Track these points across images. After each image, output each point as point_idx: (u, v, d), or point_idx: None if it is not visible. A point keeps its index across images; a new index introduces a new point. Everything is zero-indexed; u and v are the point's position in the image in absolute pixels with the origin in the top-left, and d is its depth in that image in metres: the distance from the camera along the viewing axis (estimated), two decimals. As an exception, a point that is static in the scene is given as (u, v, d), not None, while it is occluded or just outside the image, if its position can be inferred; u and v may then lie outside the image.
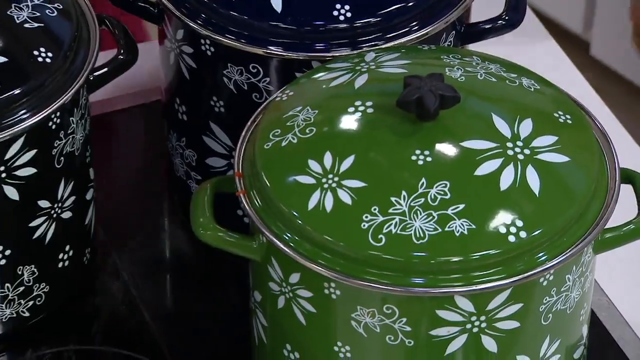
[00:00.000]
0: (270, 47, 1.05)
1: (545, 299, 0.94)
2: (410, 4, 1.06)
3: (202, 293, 1.14)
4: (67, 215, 1.07)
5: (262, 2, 1.05)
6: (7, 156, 1.00)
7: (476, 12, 1.11)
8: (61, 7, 1.04)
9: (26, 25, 1.02)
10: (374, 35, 1.06)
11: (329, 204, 0.92)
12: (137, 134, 1.24)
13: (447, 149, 0.93)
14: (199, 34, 1.06)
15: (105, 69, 1.07)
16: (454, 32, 1.09)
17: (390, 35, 1.06)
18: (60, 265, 1.08)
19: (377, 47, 1.04)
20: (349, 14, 1.05)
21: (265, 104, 1.01)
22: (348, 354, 0.95)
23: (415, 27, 1.06)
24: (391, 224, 0.91)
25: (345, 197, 0.92)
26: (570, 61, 1.27)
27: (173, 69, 1.12)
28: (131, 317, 1.12)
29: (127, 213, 1.19)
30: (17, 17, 1.02)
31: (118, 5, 1.13)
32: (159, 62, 1.15)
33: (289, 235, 0.93)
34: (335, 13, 1.05)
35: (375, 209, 0.92)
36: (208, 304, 1.13)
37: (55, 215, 1.06)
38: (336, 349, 0.95)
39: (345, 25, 1.05)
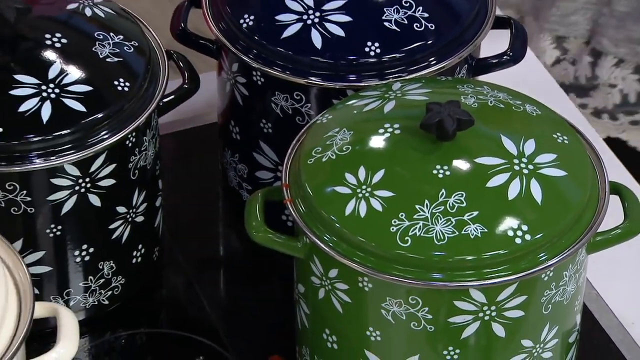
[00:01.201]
0: (311, 78, 1.05)
1: (546, 292, 0.93)
2: (430, 42, 1.05)
3: (251, 285, 1.14)
4: (140, 219, 1.06)
5: (304, 40, 1.05)
6: (92, 169, 1.00)
7: (484, 49, 1.11)
8: (137, 44, 1.04)
9: (108, 60, 1.02)
10: (398, 68, 1.05)
11: (362, 210, 0.92)
12: (197, 150, 1.22)
13: (463, 165, 0.93)
14: (251, 66, 1.06)
15: (172, 96, 1.06)
16: (466, 65, 1.09)
17: (413, 68, 1.05)
18: (134, 261, 1.08)
19: (402, 78, 1.03)
20: (378, 50, 1.04)
21: (307, 126, 1.01)
22: (378, 338, 0.95)
23: (434, 62, 1.06)
24: (416, 228, 0.91)
25: (377, 205, 0.92)
26: (559, 86, 1.28)
27: (228, 96, 1.12)
28: (192, 305, 1.11)
29: (189, 218, 1.18)
30: (101, 53, 1.02)
31: (182, 42, 1.12)
32: (216, 90, 1.15)
33: (328, 236, 0.93)
34: (367, 49, 1.04)
35: (402, 215, 0.92)
36: (256, 294, 1.13)
37: (130, 219, 1.05)
38: (368, 333, 0.95)
39: (374, 60, 1.05)
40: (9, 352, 0.86)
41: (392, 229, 0.91)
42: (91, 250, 1.04)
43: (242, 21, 1.06)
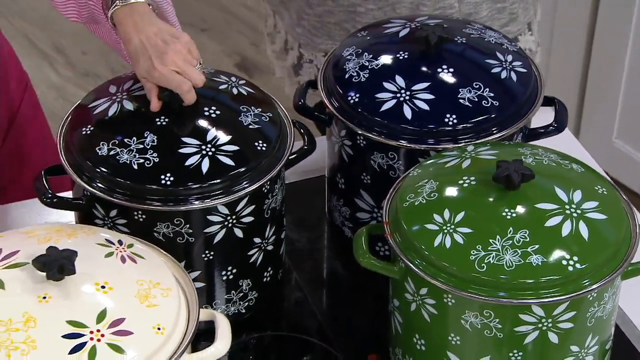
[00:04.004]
0: (401, 141, 1.03)
1: (590, 309, 0.90)
2: (494, 115, 1.03)
3: (352, 298, 1.10)
4: (270, 247, 1.04)
5: (397, 113, 1.02)
6: (237, 209, 0.98)
7: (534, 121, 1.08)
8: (271, 115, 1.02)
9: (250, 127, 1.00)
10: (469, 135, 1.02)
11: (448, 243, 0.90)
12: (310, 196, 1.20)
13: (525, 209, 0.90)
14: (356, 132, 1.04)
15: (296, 155, 1.04)
16: (521, 133, 1.06)
17: (480, 135, 1.02)
18: (264, 280, 1.05)
19: (473, 142, 1.01)
20: (455, 121, 1.02)
21: (402, 177, 0.98)
22: (458, 342, 0.92)
23: (496, 131, 1.03)
24: (490, 257, 0.88)
25: (459, 239, 0.90)
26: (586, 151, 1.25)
27: (336, 155, 1.09)
28: (306, 314, 1.08)
29: (303, 247, 1.15)
30: (244, 122, 1.01)
31: (302, 114, 1.10)
32: (326, 150, 1.12)
33: (419, 262, 0.91)
34: (446, 120, 1.02)
35: (479, 247, 0.89)
36: (356, 305, 1.09)
37: (263, 247, 1.03)
38: (450, 338, 0.92)
39: (450, 128, 1.02)
40: (182, 346, 0.84)
41: (471, 257, 0.89)
42: (234, 271, 1.02)
43: (349, 98, 1.05)
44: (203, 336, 0.93)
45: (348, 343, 1.05)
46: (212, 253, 1.00)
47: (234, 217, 0.99)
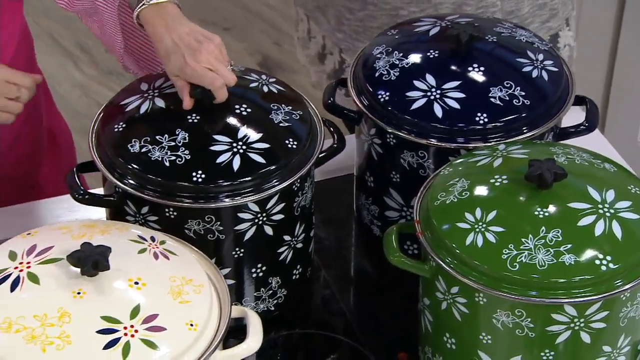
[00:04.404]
0: (431, 140, 1.02)
1: (623, 309, 0.89)
2: (524, 114, 1.02)
3: (379, 296, 1.10)
4: (299, 245, 1.04)
5: (428, 111, 1.02)
6: (267, 207, 0.99)
7: (565, 120, 1.08)
8: (301, 113, 1.03)
9: (280, 125, 1.00)
10: (499, 134, 1.02)
11: (479, 241, 0.89)
12: (338, 194, 1.20)
13: (558, 208, 0.90)
14: (386, 130, 1.04)
15: (325, 153, 1.04)
16: (552, 133, 1.05)
17: (510, 134, 1.02)
18: (294, 277, 1.05)
19: (505, 141, 1.00)
20: (486, 120, 1.02)
21: (432, 176, 0.98)
22: (489, 341, 0.91)
23: (526, 130, 1.02)
24: (522, 256, 0.88)
25: (491, 238, 0.89)
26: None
27: (366, 153, 1.09)
28: (335, 312, 1.08)
29: (331, 245, 1.15)
30: (275, 119, 1.01)
31: (331, 112, 1.10)
32: (354, 149, 1.12)
33: (450, 260, 0.91)
34: (477, 119, 1.02)
35: (511, 246, 0.88)
36: (383, 303, 1.09)
37: (293, 245, 1.03)
38: (481, 337, 0.91)
39: (481, 127, 1.02)
40: (214, 342, 0.84)
41: (503, 256, 0.88)
42: (264, 268, 1.02)
43: (379, 96, 1.05)
44: (232, 333, 0.93)
45: (376, 341, 1.05)
46: (242, 250, 1.00)
47: (264, 214, 0.99)
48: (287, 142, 0.99)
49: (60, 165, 1.22)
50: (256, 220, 0.99)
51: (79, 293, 0.82)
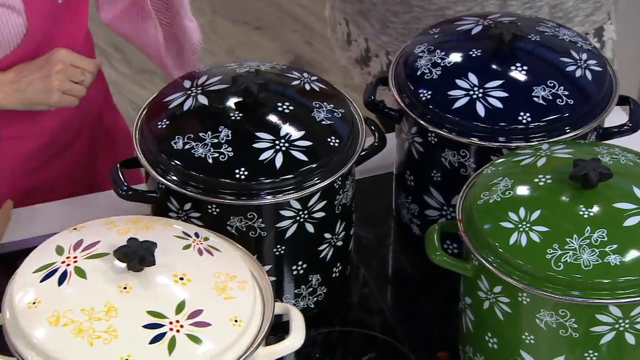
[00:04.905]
0: (473, 139, 1.02)
1: (669, 310, 0.90)
2: (567, 114, 1.02)
3: (417, 295, 1.10)
4: (339, 243, 1.04)
5: (470, 110, 1.02)
6: (309, 204, 0.99)
7: (608, 119, 1.07)
8: (343, 111, 1.03)
9: (322, 123, 1.01)
10: (541, 134, 1.01)
11: (523, 241, 0.89)
12: (376, 192, 1.19)
13: (603, 208, 0.89)
14: (428, 129, 1.04)
15: (366, 152, 1.04)
16: (595, 132, 1.05)
17: (553, 133, 1.01)
18: (333, 275, 1.05)
19: (548, 141, 1.00)
20: (529, 119, 1.01)
21: (475, 175, 0.98)
22: (532, 341, 0.91)
23: (569, 130, 1.02)
24: (567, 256, 0.87)
25: (535, 237, 0.89)
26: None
27: (406, 152, 1.09)
28: (373, 310, 1.08)
29: (370, 244, 1.15)
30: (317, 117, 1.01)
31: (372, 110, 1.10)
32: (394, 148, 1.12)
33: (492, 259, 0.90)
34: (520, 118, 1.01)
35: (555, 246, 0.88)
36: (422, 301, 1.09)
37: (333, 243, 1.03)
38: (524, 337, 0.91)
39: (523, 127, 1.01)
40: (258, 338, 0.85)
41: (548, 256, 0.88)
42: (304, 266, 1.02)
43: (421, 95, 1.04)
44: (271, 330, 0.94)
45: (415, 340, 1.05)
46: (283, 247, 1.00)
47: (305, 212, 0.99)
48: (329, 140, 0.99)
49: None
50: (297, 218, 0.99)
51: (125, 288, 0.83)
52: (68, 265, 0.84)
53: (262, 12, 2.52)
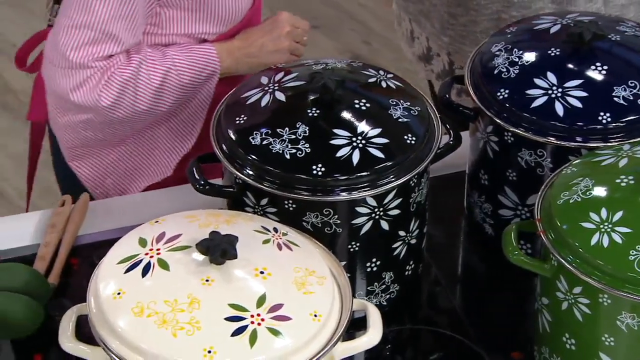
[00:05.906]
0: (550, 138, 1.01)
1: None
2: (646, 116, 1.02)
3: (490, 294, 1.10)
4: (413, 241, 1.04)
5: (549, 109, 1.01)
6: (384, 202, 0.99)
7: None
8: (420, 109, 1.03)
9: (399, 120, 1.01)
10: (620, 134, 1.00)
11: (605, 242, 0.88)
12: (447, 191, 1.18)
13: (688, 210, 0.89)
14: (504, 128, 1.03)
15: (441, 150, 1.04)
16: (676, 133, 1.04)
17: (632, 134, 1.00)
18: (406, 273, 1.06)
19: (629, 141, 0.99)
20: (608, 119, 1.00)
21: (553, 174, 0.97)
22: (612, 343, 0.90)
23: (650, 130, 1.02)
24: (650, 258, 0.88)
25: (617, 238, 0.88)
26: None
27: (481, 151, 1.08)
28: (445, 309, 1.08)
29: (441, 242, 1.14)
30: (394, 115, 1.01)
31: (446, 108, 1.09)
32: (467, 146, 1.11)
33: (572, 259, 0.90)
34: (600, 118, 1.00)
35: (638, 247, 0.87)
36: (494, 301, 1.09)
37: (407, 241, 1.03)
38: (603, 339, 0.90)
39: (602, 127, 1.00)
40: (337, 333, 0.85)
41: (630, 257, 0.87)
42: (378, 262, 1.03)
43: (498, 94, 1.04)
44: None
45: (488, 340, 1.04)
46: (357, 244, 1.01)
47: (381, 209, 0.99)
48: (405, 137, 1.00)
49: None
50: (373, 215, 0.99)
51: (207, 280, 0.83)
52: (151, 257, 0.85)
53: (320, 10, 2.53)
